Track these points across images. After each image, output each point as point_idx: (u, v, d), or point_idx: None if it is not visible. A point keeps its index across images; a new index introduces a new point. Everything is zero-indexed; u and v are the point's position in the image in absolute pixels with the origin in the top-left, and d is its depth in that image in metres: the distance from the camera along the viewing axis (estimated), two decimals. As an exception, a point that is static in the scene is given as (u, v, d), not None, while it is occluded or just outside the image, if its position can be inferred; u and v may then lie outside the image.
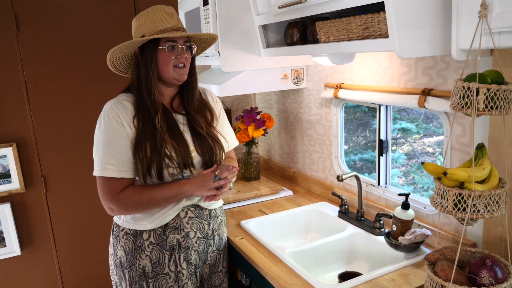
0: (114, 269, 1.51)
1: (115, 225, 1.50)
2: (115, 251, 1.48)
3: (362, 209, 1.74)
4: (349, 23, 1.31)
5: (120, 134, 1.35)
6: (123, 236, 1.45)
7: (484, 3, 0.95)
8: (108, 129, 1.35)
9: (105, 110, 1.38)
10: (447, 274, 1.07)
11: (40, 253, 2.18)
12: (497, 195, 1.04)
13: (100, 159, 1.36)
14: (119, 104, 1.38)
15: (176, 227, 1.45)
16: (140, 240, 1.43)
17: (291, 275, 1.41)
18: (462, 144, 1.40)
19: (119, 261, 1.47)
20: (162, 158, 1.36)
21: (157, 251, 1.44)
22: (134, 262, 1.44)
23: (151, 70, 1.37)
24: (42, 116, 2.08)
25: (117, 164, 1.35)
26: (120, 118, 1.36)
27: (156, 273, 1.45)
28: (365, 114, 2.83)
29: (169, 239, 1.45)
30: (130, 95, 1.42)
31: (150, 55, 1.36)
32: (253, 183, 2.32)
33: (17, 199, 2.08)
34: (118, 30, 2.16)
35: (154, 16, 1.37)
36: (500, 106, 0.99)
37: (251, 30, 1.89)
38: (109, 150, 1.34)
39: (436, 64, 1.44)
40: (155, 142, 1.36)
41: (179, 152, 1.39)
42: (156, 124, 1.37)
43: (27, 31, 1.99)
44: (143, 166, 1.36)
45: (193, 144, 1.45)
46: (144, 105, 1.38)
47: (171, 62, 1.38)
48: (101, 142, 1.36)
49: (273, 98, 2.55)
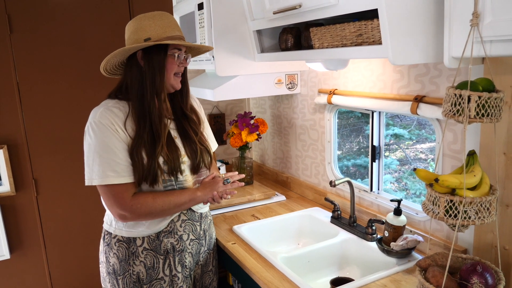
0: (106, 276, 1.49)
1: (106, 232, 1.47)
2: (107, 258, 1.46)
3: (354, 215, 1.74)
4: (343, 30, 1.31)
5: (116, 138, 1.32)
6: (115, 244, 1.43)
7: (476, 12, 0.96)
8: (103, 135, 1.31)
9: (94, 117, 1.33)
10: (438, 280, 1.08)
11: (30, 256, 2.16)
12: (488, 201, 1.05)
13: (98, 166, 1.31)
14: (109, 111, 1.34)
15: (170, 231, 1.45)
16: (133, 247, 1.42)
17: (283, 280, 1.41)
18: (454, 151, 1.41)
19: (112, 269, 1.45)
20: (157, 166, 1.34)
21: (151, 256, 1.43)
22: (128, 268, 1.42)
23: (159, 76, 1.35)
24: (34, 118, 2.07)
25: (118, 170, 1.31)
26: (113, 124, 1.32)
27: (150, 279, 1.44)
28: (358, 120, 2.85)
29: (163, 244, 1.44)
30: (120, 101, 1.38)
31: (158, 60, 1.34)
32: (246, 187, 2.31)
33: (7, 202, 2.06)
34: (112, 33, 2.16)
35: (161, 21, 1.35)
36: (491, 113, 1.00)
37: (245, 35, 1.89)
38: (107, 156, 1.30)
39: (429, 71, 1.45)
40: (153, 149, 1.34)
41: (170, 158, 1.38)
42: (158, 130, 1.35)
43: (20, 32, 1.98)
44: (139, 171, 1.33)
45: (184, 148, 1.44)
46: (145, 110, 1.35)
47: (174, 70, 1.39)
48: (97, 150, 1.31)
49: (267, 103, 2.55)
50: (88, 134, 1.34)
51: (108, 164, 1.30)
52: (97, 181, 1.32)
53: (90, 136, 1.33)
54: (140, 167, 1.33)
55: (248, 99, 2.76)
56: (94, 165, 1.32)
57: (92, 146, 1.32)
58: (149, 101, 1.34)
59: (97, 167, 1.31)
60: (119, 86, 1.42)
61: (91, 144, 1.33)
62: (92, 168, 1.32)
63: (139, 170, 1.33)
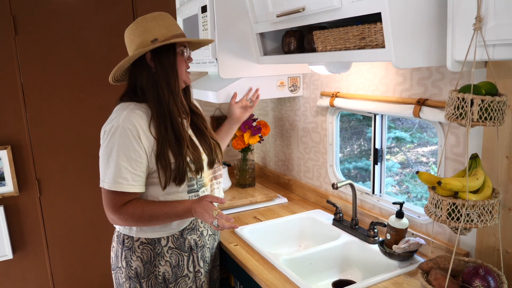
0: (125, 281, 1.45)
1: (126, 236, 1.44)
2: (129, 263, 1.43)
3: (356, 217, 1.74)
4: (346, 33, 1.32)
5: (136, 148, 1.31)
6: (138, 247, 1.42)
7: (479, 16, 0.96)
8: (124, 141, 1.30)
9: (118, 121, 1.31)
10: (441, 283, 1.08)
11: (32, 257, 2.16)
12: (491, 205, 1.05)
13: (112, 172, 1.31)
14: (134, 114, 1.33)
15: (192, 228, 1.48)
16: (158, 247, 1.42)
17: (285, 282, 1.41)
18: (456, 154, 1.42)
19: (134, 273, 1.43)
20: (184, 164, 1.35)
21: (176, 254, 1.45)
22: (153, 270, 1.43)
23: (173, 75, 1.36)
24: (38, 119, 2.08)
25: (130, 179, 1.31)
26: (137, 131, 1.31)
27: (176, 277, 1.45)
28: (360, 122, 2.85)
29: (187, 241, 1.47)
30: (139, 104, 1.37)
31: (168, 59, 1.35)
32: (248, 189, 2.32)
33: (10, 202, 2.07)
34: (115, 35, 2.17)
35: (163, 22, 1.36)
36: (494, 117, 1.00)
37: (248, 38, 1.90)
38: (124, 164, 1.30)
39: (431, 74, 1.45)
40: (179, 148, 1.35)
41: (196, 157, 1.40)
42: (180, 129, 1.36)
43: (25, 34, 1.99)
44: (167, 173, 1.34)
45: (200, 145, 1.47)
46: (165, 111, 1.35)
47: (184, 67, 1.43)
48: (115, 155, 1.30)
49: (269, 106, 2.56)
50: (111, 135, 1.31)
51: (122, 171, 1.30)
52: (107, 185, 1.32)
53: (110, 138, 1.32)
54: (168, 169, 1.34)
55: (251, 101, 2.76)
56: (108, 168, 1.31)
57: (109, 149, 1.31)
58: (168, 102, 1.35)
59: (111, 171, 1.31)
60: (131, 89, 1.41)
61: (109, 147, 1.32)
62: (106, 171, 1.32)
63: (167, 171, 1.34)
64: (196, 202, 1.35)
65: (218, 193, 1.60)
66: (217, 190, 1.59)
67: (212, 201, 1.35)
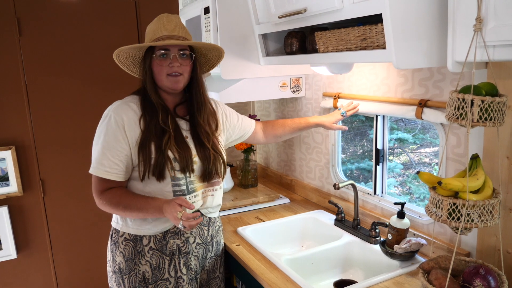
0: (112, 275, 1.50)
1: (114, 230, 1.50)
2: (114, 257, 1.48)
3: (358, 218, 1.75)
4: (347, 34, 1.33)
5: (117, 137, 1.36)
6: (122, 242, 1.45)
7: (479, 17, 0.97)
8: (108, 129, 1.37)
9: (110, 109, 1.40)
10: (441, 283, 1.08)
11: (36, 257, 2.18)
12: (491, 205, 1.06)
13: (95, 157, 1.39)
14: (125, 105, 1.40)
15: (176, 232, 1.46)
16: (140, 246, 1.44)
17: (287, 282, 1.42)
18: (457, 154, 1.42)
19: (118, 267, 1.46)
20: (165, 159, 1.37)
21: (157, 256, 1.44)
22: (133, 268, 1.44)
23: (148, 77, 1.41)
24: (42, 119, 2.09)
25: (107, 165, 1.36)
26: (122, 121, 1.37)
27: (156, 279, 1.45)
28: (362, 123, 2.86)
29: (169, 244, 1.45)
30: (136, 97, 1.44)
31: (147, 62, 1.40)
32: (251, 190, 2.33)
33: (14, 202, 2.08)
34: (119, 35, 2.18)
35: (154, 25, 1.42)
36: (494, 117, 1.01)
37: (251, 39, 1.91)
38: (104, 150, 1.37)
39: (433, 75, 1.46)
40: (160, 142, 1.37)
41: (182, 155, 1.40)
42: (166, 123, 1.39)
43: (29, 35, 2.01)
44: (146, 165, 1.36)
45: (195, 149, 1.45)
46: (150, 106, 1.41)
47: (164, 71, 1.38)
48: (99, 141, 1.38)
49: (272, 106, 2.57)
50: (102, 121, 1.41)
51: (102, 157, 1.37)
52: (91, 169, 1.40)
53: (99, 125, 1.41)
54: (147, 160, 1.36)
55: (253, 102, 2.78)
56: (94, 153, 1.40)
57: (97, 135, 1.41)
58: (152, 96, 1.41)
59: (95, 156, 1.39)
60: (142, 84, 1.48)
61: (97, 132, 1.41)
62: (92, 155, 1.41)
63: (146, 163, 1.36)
64: (167, 202, 1.33)
65: (211, 200, 1.52)
66: (211, 197, 1.51)
67: (181, 204, 1.30)
